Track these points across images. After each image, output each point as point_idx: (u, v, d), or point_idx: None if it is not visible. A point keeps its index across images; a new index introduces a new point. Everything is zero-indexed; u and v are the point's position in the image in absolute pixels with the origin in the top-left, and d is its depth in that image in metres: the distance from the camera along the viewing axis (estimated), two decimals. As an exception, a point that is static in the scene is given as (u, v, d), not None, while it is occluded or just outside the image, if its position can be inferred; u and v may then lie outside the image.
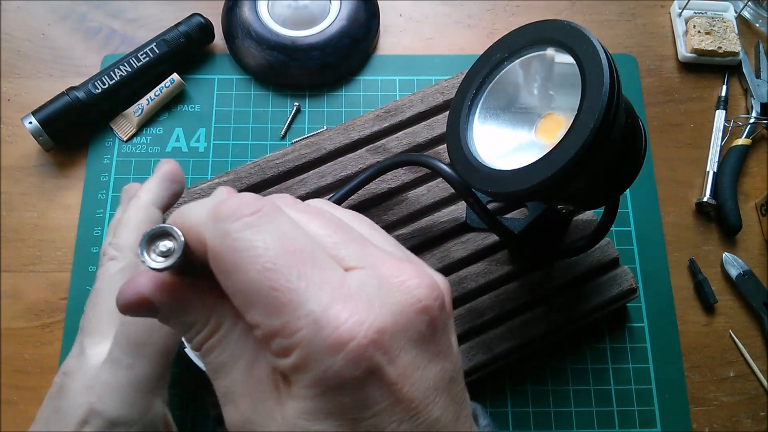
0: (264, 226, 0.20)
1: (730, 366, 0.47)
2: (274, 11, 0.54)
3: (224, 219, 0.20)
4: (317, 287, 0.19)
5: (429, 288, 0.21)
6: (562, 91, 0.36)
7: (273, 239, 0.20)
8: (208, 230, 0.20)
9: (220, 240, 0.20)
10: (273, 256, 0.19)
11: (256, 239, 0.19)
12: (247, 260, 0.19)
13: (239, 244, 0.19)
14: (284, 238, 0.20)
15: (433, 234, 0.46)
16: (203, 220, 0.20)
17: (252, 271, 0.19)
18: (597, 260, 0.46)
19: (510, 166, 0.34)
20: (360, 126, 0.48)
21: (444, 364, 0.21)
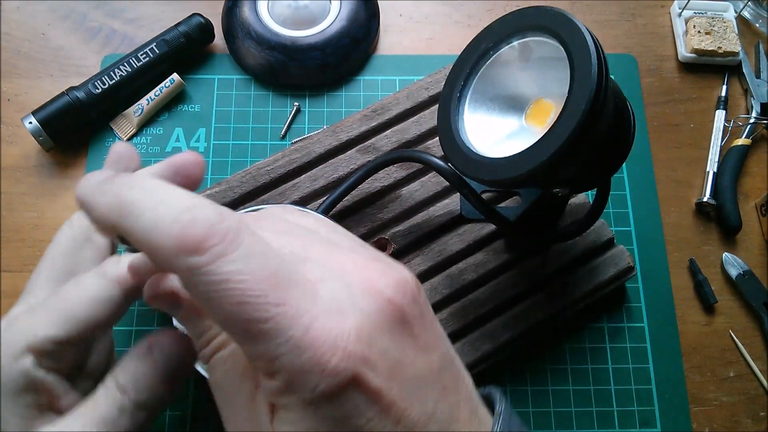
0: (233, 254, 0.19)
1: (730, 366, 0.47)
2: (274, 11, 0.54)
3: (191, 252, 0.19)
4: (293, 310, 0.19)
5: (396, 284, 0.21)
6: (550, 77, 0.37)
7: (244, 267, 0.19)
8: (174, 262, 0.19)
9: (189, 275, 0.19)
10: (246, 287, 0.19)
11: (226, 271, 0.19)
12: (221, 294, 0.19)
13: (210, 278, 0.19)
14: (255, 263, 0.19)
15: (430, 228, 0.46)
16: (168, 249, 0.19)
17: (227, 305, 0.19)
18: (593, 242, 0.46)
19: (503, 153, 0.35)
20: (348, 127, 0.48)
21: (429, 357, 0.21)
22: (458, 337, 0.43)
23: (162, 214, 0.20)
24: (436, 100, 0.50)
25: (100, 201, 0.21)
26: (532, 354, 0.46)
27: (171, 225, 0.19)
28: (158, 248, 0.19)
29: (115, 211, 0.20)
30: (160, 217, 0.20)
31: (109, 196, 0.21)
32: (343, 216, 0.46)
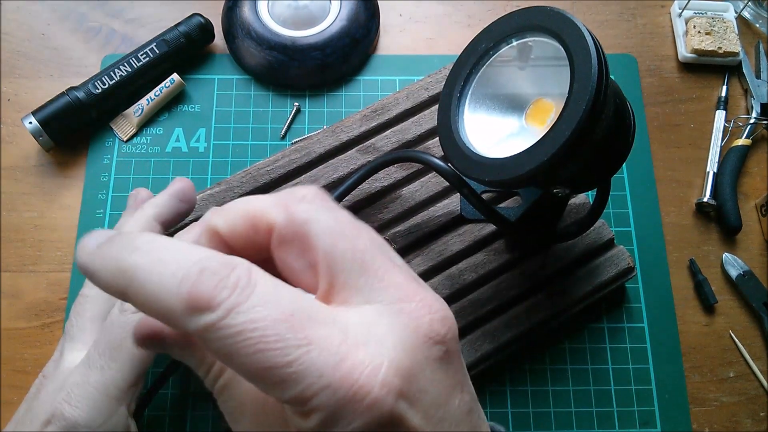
0: (243, 305, 0.18)
1: (730, 366, 0.47)
2: (274, 11, 0.54)
3: (202, 311, 0.18)
4: (319, 349, 0.18)
5: (442, 320, 0.20)
6: (549, 77, 0.37)
7: (257, 314, 0.18)
8: (187, 324, 0.18)
9: (203, 334, 0.18)
10: (261, 335, 0.18)
11: (240, 323, 0.18)
12: (238, 347, 0.18)
13: (225, 332, 0.18)
14: (269, 307, 0.18)
15: (430, 229, 0.46)
16: (178, 312, 0.18)
17: (246, 356, 0.18)
18: (593, 242, 0.46)
19: (503, 153, 0.35)
20: (348, 127, 0.48)
21: (462, 396, 0.21)
22: (459, 336, 0.43)
23: (167, 277, 0.19)
24: (436, 100, 0.50)
25: (101, 269, 0.20)
26: (532, 354, 0.46)
27: (178, 287, 0.18)
28: (168, 313, 0.19)
29: (119, 278, 0.19)
30: (165, 280, 0.19)
31: (109, 261, 0.20)
32: (343, 216, 0.46)
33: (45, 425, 0.32)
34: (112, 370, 0.33)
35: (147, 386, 0.41)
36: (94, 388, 0.33)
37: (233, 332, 0.18)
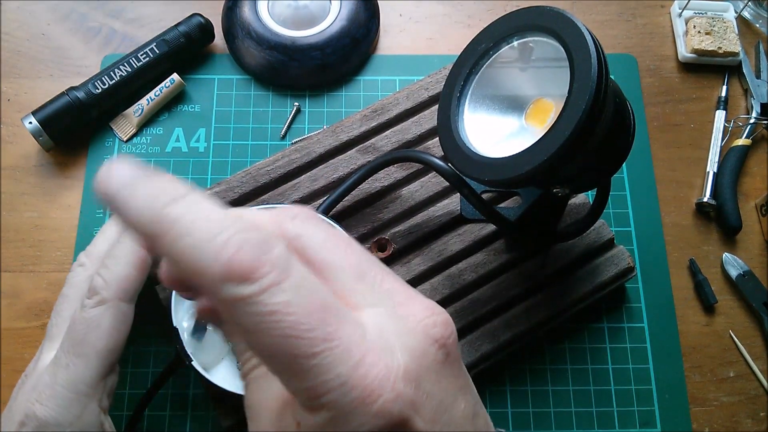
0: (283, 284, 0.18)
1: (730, 366, 0.47)
2: (274, 11, 0.54)
3: (239, 280, 0.18)
4: (342, 346, 0.18)
5: (444, 324, 0.21)
6: (549, 77, 0.37)
7: (294, 298, 0.18)
8: (218, 289, 0.18)
9: (234, 303, 0.18)
10: (294, 321, 0.18)
11: (276, 302, 0.18)
12: (267, 326, 0.18)
13: (258, 308, 0.18)
14: (305, 295, 0.18)
15: (430, 229, 0.46)
16: (213, 275, 0.18)
17: (273, 337, 0.18)
18: (593, 242, 0.46)
19: (503, 153, 0.35)
20: (348, 127, 0.48)
21: (467, 398, 0.21)
22: (458, 337, 0.43)
23: (208, 236, 0.18)
24: (436, 100, 0.50)
25: (134, 207, 0.19)
26: (532, 354, 0.46)
27: (219, 250, 0.18)
28: (202, 273, 0.18)
29: (155, 223, 0.18)
30: (206, 239, 0.18)
31: (146, 201, 0.19)
32: (343, 216, 0.46)
33: (20, 426, 0.33)
34: (78, 366, 0.33)
35: (147, 386, 0.41)
36: (61, 386, 0.33)
37: (267, 311, 0.17)
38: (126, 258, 0.36)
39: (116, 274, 0.36)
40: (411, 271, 0.44)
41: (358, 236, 0.45)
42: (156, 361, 0.45)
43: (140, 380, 0.44)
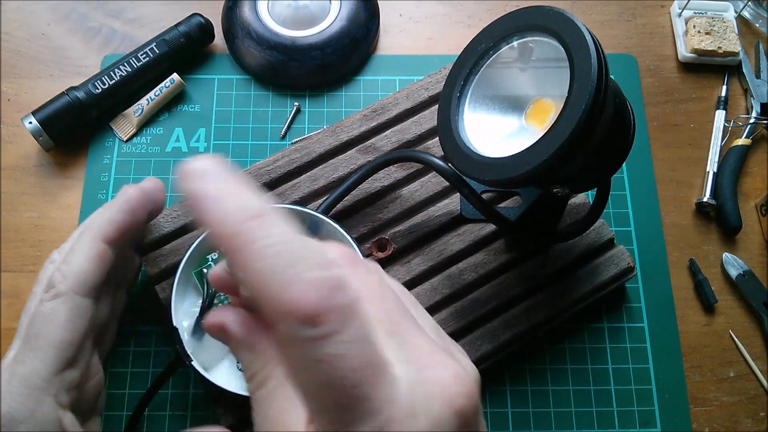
0: (340, 336, 0.18)
1: (730, 366, 0.47)
2: (274, 11, 0.54)
3: (302, 321, 0.18)
4: (374, 406, 0.19)
5: (468, 394, 0.21)
6: (549, 77, 0.37)
7: (345, 353, 0.18)
8: (279, 322, 0.19)
9: (289, 338, 0.19)
10: (339, 375, 0.18)
11: (330, 353, 0.18)
12: (312, 369, 0.18)
13: (311, 351, 0.18)
14: (357, 351, 0.19)
15: (430, 228, 0.46)
16: (279, 308, 0.18)
17: (313, 380, 0.19)
18: (593, 242, 0.46)
19: (503, 153, 0.35)
20: (348, 127, 0.48)
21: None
22: (458, 337, 0.43)
23: (282, 266, 0.18)
24: (436, 100, 0.50)
25: (217, 212, 0.19)
26: (532, 354, 0.46)
27: (290, 284, 0.18)
28: (268, 301, 0.18)
29: (232, 235, 0.19)
30: (279, 268, 0.18)
31: (228, 211, 0.19)
32: (343, 216, 0.46)
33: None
34: (33, 360, 0.33)
35: (147, 386, 0.41)
36: (18, 381, 0.33)
37: (317, 357, 0.18)
38: (84, 252, 0.36)
39: (74, 267, 0.36)
40: (411, 271, 0.44)
41: (358, 236, 0.45)
42: (156, 361, 0.45)
43: (140, 380, 0.44)
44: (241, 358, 0.24)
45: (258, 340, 0.24)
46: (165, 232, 0.44)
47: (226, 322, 0.24)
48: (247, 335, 0.24)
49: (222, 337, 0.24)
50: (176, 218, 0.45)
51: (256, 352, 0.24)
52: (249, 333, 0.24)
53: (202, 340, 0.40)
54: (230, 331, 0.24)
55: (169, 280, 0.43)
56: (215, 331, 0.24)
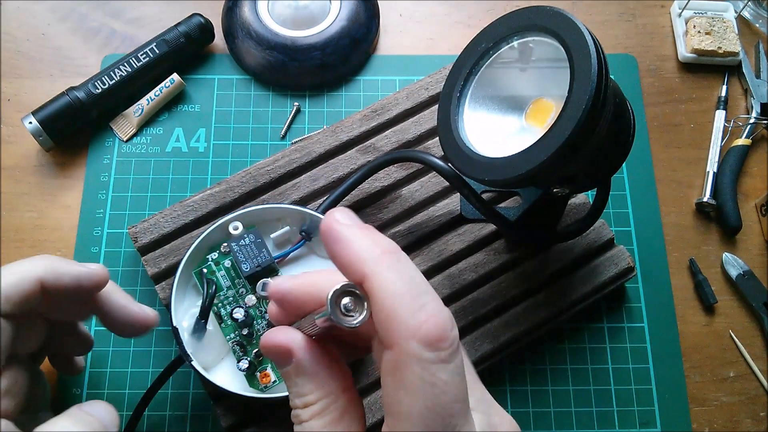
0: (451, 364, 0.21)
1: (730, 366, 0.47)
2: (274, 11, 0.54)
3: (425, 344, 0.21)
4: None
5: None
6: (549, 77, 0.37)
7: (451, 381, 0.21)
8: (407, 341, 0.21)
9: (406, 358, 0.21)
10: (447, 400, 0.21)
11: (439, 378, 0.21)
12: (422, 391, 0.20)
13: (425, 373, 0.20)
14: (458, 381, 0.21)
15: (430, 228, 0.46)
16: (406, 329, 0.21)
17: (419, 401, 0.20)
18: (593, 242, 0.46)
19: (503, 153, 0.35)
20: (348, 127, 0.48)
21: None
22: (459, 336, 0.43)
23: (411, 295, 0.22)
24: (436, 100, 0.50)
25: (354, 247, 0.23)
26: (532, 354, 0.46)
27: (418, 310, 0.21)
28: (397, 323, 0.21)
29: (366, 266, 0.22)
30: (409, 297, 0.22)
31: (362, 246, 0.23)
32: (343, 216, 0.46)
33: None
34: None
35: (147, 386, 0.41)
36: None
37: (431, 380, 0.20)
38: (19, 272, 0.32)
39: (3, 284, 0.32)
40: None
41: (358, 236, 0.45)
42: (156, 361, 0.45)
43: (140, 380, 0.44)
44: (298, 384, 0.25)
45: (323, 369, 0.25)
46: (165, 232, 0.44)
47: (294, 347, 0.25)
48: (314, 364, 0.25)
49: (281, 359, 0.25)
50: (176, 218, 0.45)
51: (317, 382, 0.25)
52: (315, 361, 0.25)
53: (202, 340, 0.40)
54: (297, 356, 0.25)
55: (169, 280, 0.43)
56: (277, 352, 0.25)
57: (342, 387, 0.25)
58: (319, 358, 0.25)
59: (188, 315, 0.41)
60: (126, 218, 0.49)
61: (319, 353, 0.25)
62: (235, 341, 0.40)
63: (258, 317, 0.41)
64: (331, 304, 0.22)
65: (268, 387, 0.39)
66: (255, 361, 0.40)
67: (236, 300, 0.41)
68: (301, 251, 0.44)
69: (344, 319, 0.22)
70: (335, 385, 0.25)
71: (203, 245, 0.42)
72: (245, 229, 0.42)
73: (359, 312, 0.22)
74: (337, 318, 0.22)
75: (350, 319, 0.22)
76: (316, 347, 0.25)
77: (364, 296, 0.23)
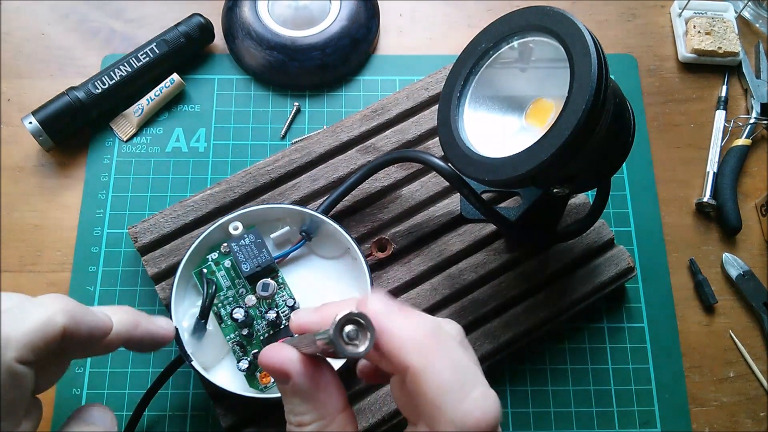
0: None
1: (730, 366, 0.47)
2: (274, 11, 0.54)
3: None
4: None
5: None
6: (549, 77, 0.37)
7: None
8: (449, 427, 0.22)
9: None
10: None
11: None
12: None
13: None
14: None
15: (430, 228, 0.46)
16: (452, 418, 0.22)
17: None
18: (593, 242, 0.46)
19: (503, 153, 0.35)
20: (348, 127, 0.48)
21: None
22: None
23: (457, 386, 0.22)
24: (436, 100, 0.50)
25: (397, 331, 0.23)
26: (532, 354, 0.46)
27: (462, 401, 0.22)
28: (442, 411, 0.22)
29: (413, 351, 0.23)
30: (455, 387, 0.22)
31: (407, 330, 0.23)
32: (343, 216, 0.46)
33: None
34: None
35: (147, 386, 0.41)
36: None
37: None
38: (42, 317, 0.29)
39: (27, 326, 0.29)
40: (411, 271, 0.44)
41: (358, 236, 0.45)
42: (156, 361, 0.45)
43: (140, 380, 0.44)
44: (293, 403, 0.25)
45: (319, 391, 0.25)
46: (165, 232, 0.44)
47: (291, 370, 0.25)
48: (310, 386, 0.25)
49: (281, 377, 0.25)
50: (176, 218, 0.45)
51: (312, 404, 0.25)
52: (312, 384, 0.25)
53: (202, 340, 0.40)
54: (293, 380, 0.25)
55: (169, 280, 0.43)
56: (274, 372, 0.25)
57: (337, 407, 0.25)
58: (315, 380, 0.25)
59: (188, 315, 0.41)
60: (126, 218, 0.49)
61: (316, 374, 0.25)
62: (235, 341, 0.40)
63: (258, 317, 0.41)
64: (335, 332, 0.22)
65: (268, 387, 0.39)
66: (255, 362, 0.40)
67: (236, 300, 0.41)
68: (301, 251, 0.44)
69: (346, 348, 0.22)
70: (330, 406, 0.25)
71: (203, 245, 0.42)
72: (245, 229, 0.42)
73: (362, 342, 0.22)
74: (339, 346, 0.22)
75: (352, 348, 0.22)
76: (313, 368, 0.25)
77: (369, 327, 0.22)
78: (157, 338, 0.35)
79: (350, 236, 0.42)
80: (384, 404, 0.41)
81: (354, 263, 0.43)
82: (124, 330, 0.33)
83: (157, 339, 0.35)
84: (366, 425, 0.40)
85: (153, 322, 0.35)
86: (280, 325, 0.41)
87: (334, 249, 0.44)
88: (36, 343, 0.28)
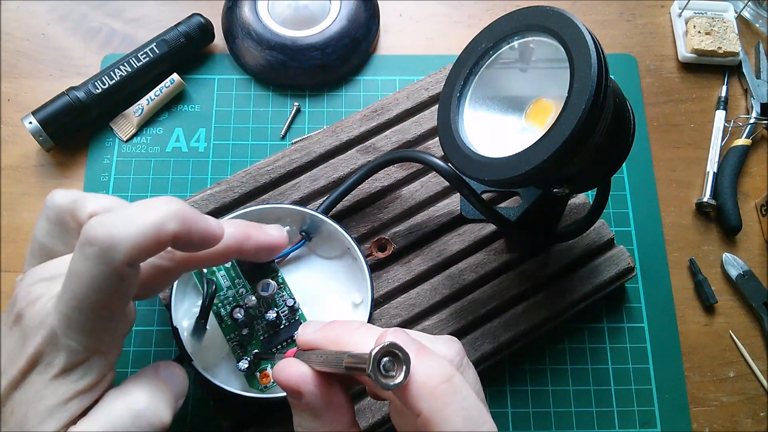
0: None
1: (730, 366, 0.47)
2: (274, 11, 0.54)
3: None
4: None
5: None
6: (549, 77, 0.37)
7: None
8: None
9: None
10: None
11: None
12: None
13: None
14: None
15: (430, 228, 0.46)
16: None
17: None
18: (593, 242, 0.46)
19: (503, 153, 0.35)
20: (348, 127, 0.48)
21: None
22: (458, 337, 0.43)
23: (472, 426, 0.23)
24: (436, 100, 0.50)
25: (418, 375, 0.24)
26: (532, 354, 0.46)
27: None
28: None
29: (430, 396, 0.23)
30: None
31: (427, 373, 0.24)
32: (343, 216, 0.46)
33: None
34: None
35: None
36: None
37: None
38: (154, 218, 0.28)
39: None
40: (411, 271, 0.44)
41: (358, 236, 0.45)
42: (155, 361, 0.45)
43: (140, 380, 0.44)
44: (304, 418, 0.26)
45: (330, 410, 0.25)
46: (165, 232, 0.44)
47: (304, 389, 0.25)
48: (322, 404, 0.25)
49: (295, 393, 0.26)
50: (176, 218, 0.45)
51: (323, 420, 0.25)
52: (324, 402, 0.25)
53: (202, 340, 0.40)
54: (306, 398, 0.25)
55: (169, 280, 0.43)
56: (287, 389, 0.26)
57: (345, 426, 0.26)
58: (327, 398, 0.25)
59: (188, 315, 0.41)
60: (126, 218, 0.49)
61: (328, 393, 0.25)
62: (235, 341, 0.40)
63: (258, 317, 0.41)
64: (374, 365, 0.22)
65: (268, 387, 0.39)
66: (255, 362, 0.40)
67: (236, 300, 0.41)
68: (301, 251, 0.44)
69: (384, 381, 0.22)
70: (339, 425, 0.25)
71: (203, 245, 0.42)
72: (245, 229, 0.42)
73: (398, 373, 0.23)
74: (377, 379, 0.22)
75: (389, 380, 0.22)
76: (325, 386, 0.26)
77: (406, 360, 0.23)
78: (270, 248, 0.37)
79: (350, 236, 0.42)
80: (384, 404, 0.41)
81: (354, 263, 0.43)
82: (234, 242, 0.35)
83: (270, 248, 0.37)
84: (366, 425, 0.40)
85: (265, 232, 0.37)
86: (280, 325, 0.41)
87: (334, 249, 0.44)
88: (146, 247, 0.27)
